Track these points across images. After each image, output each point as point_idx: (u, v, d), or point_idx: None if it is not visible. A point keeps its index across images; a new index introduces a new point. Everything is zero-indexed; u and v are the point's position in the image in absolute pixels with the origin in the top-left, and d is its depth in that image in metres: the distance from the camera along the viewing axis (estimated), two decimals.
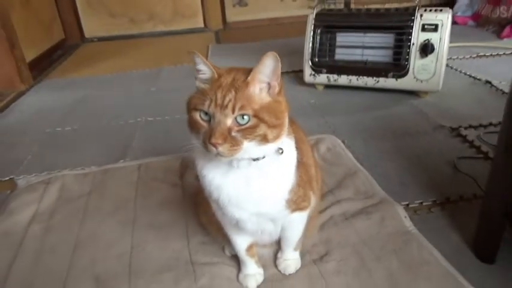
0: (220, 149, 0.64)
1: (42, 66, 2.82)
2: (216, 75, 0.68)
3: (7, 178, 1.47)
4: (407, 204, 1.16)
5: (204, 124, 0.66)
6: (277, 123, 0.68)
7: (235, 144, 0.64)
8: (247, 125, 0.65)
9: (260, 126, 0.66)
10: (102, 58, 3.04)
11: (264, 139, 0.67)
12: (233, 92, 0.65)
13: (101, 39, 3.62)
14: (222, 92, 0.65)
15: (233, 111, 0.64)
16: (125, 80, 2.49)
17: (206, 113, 0.66)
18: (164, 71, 2.59)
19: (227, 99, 0.64)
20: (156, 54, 3.08)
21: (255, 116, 0.65)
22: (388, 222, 1.06)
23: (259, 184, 0.73)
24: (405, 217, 1.08)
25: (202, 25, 3.72)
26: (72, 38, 3.51)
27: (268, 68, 0.66)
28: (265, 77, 0.67)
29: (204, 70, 0.69)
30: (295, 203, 0.80)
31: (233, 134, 0.65)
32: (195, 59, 0.69)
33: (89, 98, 2.23)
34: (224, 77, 0.68)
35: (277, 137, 0.69)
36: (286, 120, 0.72)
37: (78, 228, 1.14)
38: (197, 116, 0.67)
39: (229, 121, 0.64)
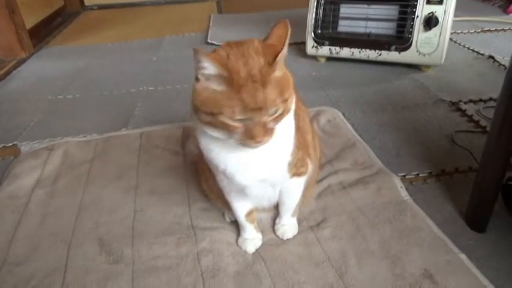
0: (262, 143, 0.64)
1: (42, 33, 2.79)
2: (226, 74, 0.60)
3: (10, 144, 1.49)
4: (404, 175, 1.19)
5: (238, 125, 0.63)
6: (291, 93, 0.67)
7: (272, 132, 0.65)
8: (279, 113, 0.65)
9: (286, 107, 0.65)
10: (102, 26, 3.01)
11: (287, 113, 0.68)
12: (261, 88, 0.61)
13: (101, 7, 3.57)
14: (249, 92, 0.60)
15: (267, 109, 0.62)
16: (126, 49, 2.48)
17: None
18: (165, 40, 2.56)
19: (259, 100, 0.60)
20: (157, 23, 3.04)
21: (284, 101, 0.64)
22: (384, 192, 1.08)
23: (265, 151, 0.73)
24: (401, 187, 1.10)
25: None
26: (72, 6, 3.45)
27: (287, 41, 0.63)
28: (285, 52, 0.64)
29: (209, 68, 0.61)
30: (296, 167, 0.83)
31: (269, 126, 0.65)
32: (200, 59, 0.60)
33: (90, 67, 2.22)
34: (237, 71, 0.61)
35: (292, 104, 0.69)
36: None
37: (82, 194, 1.17)
38: (227, 120, 0.62)
39: (265, 119, 0.63)
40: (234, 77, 0.60)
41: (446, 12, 1.70)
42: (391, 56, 1.85)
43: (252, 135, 0.63)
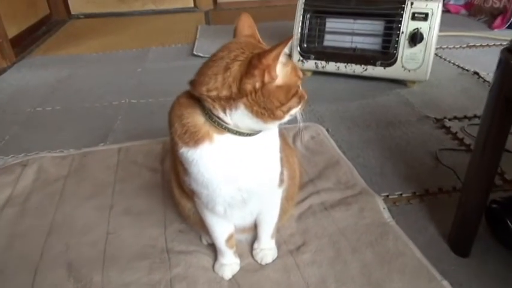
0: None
1: (25, 43, 2.73)
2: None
3: None
4: (387, 195, 1.16)
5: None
6: None
7: None
8: None
9: None
10: (88, 36, 2.96)
11: None
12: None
13: (88, 16, 3.53)
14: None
15: None
16: (111, 60, 2.43)
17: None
18: (151, 51, 2.53)
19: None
20: (144, 33, 3.00)
21: None
22: (367, 214, 1.06)
23: (262, 158, 0.74)
24: (384, 208, 1.08)
25: (192, 5, 3.63)
26: (58, 14, 3.41)
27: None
28: None
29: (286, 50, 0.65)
30: (281, 174, 0.82)
31: None
32: (284, 44, 0.63)
33: (72, 78, 2.18)
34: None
35: None
36: None
37: (53, 213, 1.12)
38: (299, 91, 0.69)
39: None
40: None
41: (431, 29, 1.70)
42: (377, 71, 1.84)
43: (303, 95, 0.70)
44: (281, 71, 0.64)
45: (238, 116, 0.66)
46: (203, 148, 0.69)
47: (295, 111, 0.69)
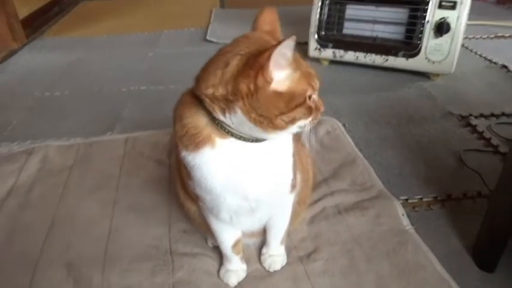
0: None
1: (36, 24, 2.68)
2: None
3: None
4: (406, 199, 1.09)
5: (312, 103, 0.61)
6: None
7: None
8: None
9: None
10: (100, 18, 2.90)
11: None
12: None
13: None
14: (307, 65, 0.62)
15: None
16: (123, 43, 2.38)
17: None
18: (164, 35, 2.46)
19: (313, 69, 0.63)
20: (157, 16, 2.93)
21: None
22: (384, 220, 0.99)
23: (272, 165, 0.68)
24: (402, 215, 1.01)
25: None
26: None
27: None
28: None
29: (289, 48, 0.55)
30: (293, 178, 0.75)
31: None
32: (286, 44, 0.54)
33: (82, 61, 2.13)
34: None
35: None
36: None
37: (56, 206, 1.08)
38: (308, 102, 0.60)
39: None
40: (294, 57, 0.57)
41: (459, 18, 1.59)
42: (398, 62, 1.74)
43: (318, 107, 0.62)
44: (286, 76, 0.56)
45: (238, 121, 0.59)
46: (204, 153, 0.62)
47: (304, 123, 0.61)
